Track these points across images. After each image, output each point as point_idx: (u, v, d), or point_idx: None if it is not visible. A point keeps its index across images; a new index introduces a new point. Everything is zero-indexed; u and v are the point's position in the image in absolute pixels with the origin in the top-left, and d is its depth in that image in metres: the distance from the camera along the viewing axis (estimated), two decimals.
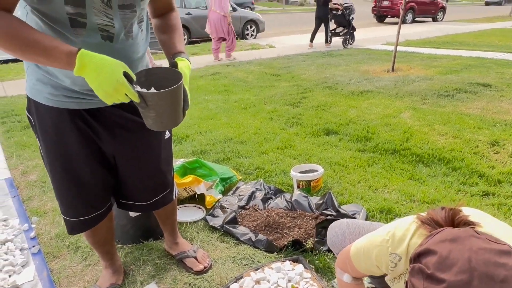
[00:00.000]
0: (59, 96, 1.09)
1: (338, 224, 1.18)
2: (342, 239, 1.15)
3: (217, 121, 3.64)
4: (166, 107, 0.95)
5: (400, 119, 3.48)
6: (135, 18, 1.07)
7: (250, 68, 6.26)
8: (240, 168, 2.58)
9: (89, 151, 1.19)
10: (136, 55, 1.13)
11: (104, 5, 0.97)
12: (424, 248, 0.65)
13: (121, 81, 0.88)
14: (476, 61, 6.22)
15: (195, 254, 1.55)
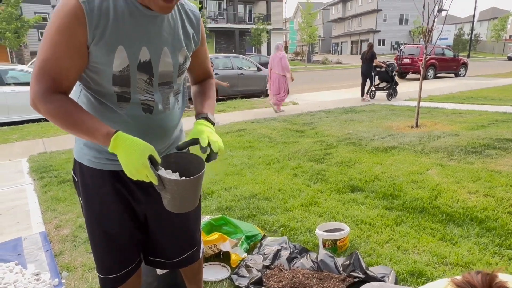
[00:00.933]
0: (101, 159, 1.20)
1: (369, 286, 1.16)
2: None
3: (242, 177, 3.71)
4: (181, 193, 1.03)
5: (427, 176, 3.43)
6: (172, 92, 1.20)
7: (274, 124, 6.45)
8: (264, 225, 2.58)
9: (124, 210, 1.26)
10: (172, 123, 1.24)
11: (147, 84, 1.11)
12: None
13: (144, 165, 0.98)
14: (503, 116, 6.14)
15: None
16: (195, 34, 1.19)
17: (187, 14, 1.17)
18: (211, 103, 1.28)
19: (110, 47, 1.00)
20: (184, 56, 1.16)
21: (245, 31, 31.19)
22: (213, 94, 1.33)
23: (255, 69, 11.28)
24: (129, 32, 1.01)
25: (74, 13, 0.95)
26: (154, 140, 1.20)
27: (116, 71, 1.03)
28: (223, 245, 2.01)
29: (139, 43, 1.03)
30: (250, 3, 33.76)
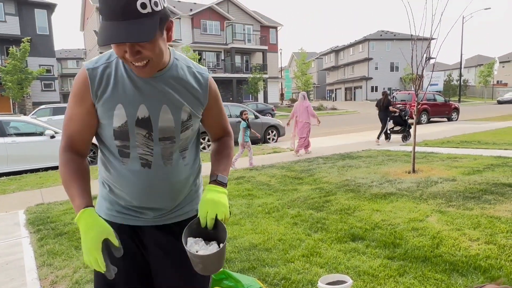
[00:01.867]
0: (112, 211, 1.27)
1: None
2: None
3: (241, 226, 3.68)
4: (206, 263, 1.10)
5: (428, 223, 3.42)
6: (175, 147, 1.24)
7: (273, 171, 6.49)
8: (265, 278, 2.53)
9: (129, 263, 1.27)
10: (177, 179, 1.26)
11: (146, 139, 1.18)
12: None
13: (95, 247, 1.04)
14: (498, 161, 6.24)
15: None
16: (202, 93, 1.25)
17: (194, 75, 1.25)
18: (224, 162, 1.31)
19: (110, 105, 1.13)
20: (187, 113, 1.21)
21: (242, 80, 32.31)
22: (228, 152, 1.36)
23: (253, 117, 11.54)
24: (127, 93, 1.14)
25: (82, 80, 1.13)
26: (159, 196, 1.24)
27: (116, 127, 1.15)
28: None
29: (137, 101, 1.14)
30: (247, 54, 35.32)
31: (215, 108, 1.31)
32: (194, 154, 1.32)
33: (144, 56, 1.04)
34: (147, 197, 1.23)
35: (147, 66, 1.07)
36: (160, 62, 1.11)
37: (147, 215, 1.27)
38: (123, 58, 1.06)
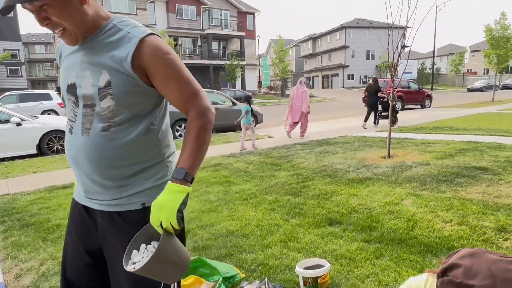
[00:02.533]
0: (77, 190, 1.29)
1: None
2: None
3: (218, 213, 3.61)
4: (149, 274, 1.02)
5: (403, 206, 3.47)
6: (95, 116, 1.10)
7: (250, 158, 6.44)
8: (243, 264, 2.48)
9: (81, 240, 1.25)
10: (92, 152, 1.11)
11: (74, 105, 1.16)
12: (449, 264, 0.77)
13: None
14: (469, 145, 6.43)
15: None
16: (125, 56, 1.07)
17: (125, 39, 1.09)
18: (188, 149, 1.10)
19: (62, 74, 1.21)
20: (106, 79, 1.07)
21: (220, 67, 31.85)
22: (193, 135, 1.11)
23: (230, 104, 11.40)
24: (64, 60, 1.20)
25: None
26: (82, 170, 1.16)
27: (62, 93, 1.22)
28: None
29: (69, 68, 1.16)
30: (224, 40, 34.78)
31: (161, 74, 1.09)
32: (132, 134, 1.12)
33: (54, 23, 1.02)
34: (75, 168, 1.19)
35: (65, 34, 1.06)
36: (80, 29, 1.07)
37: (85, 193, 1.23)
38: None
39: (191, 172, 1.08)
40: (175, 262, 1.03)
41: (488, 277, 0.69)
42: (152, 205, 1.05)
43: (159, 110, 1.20)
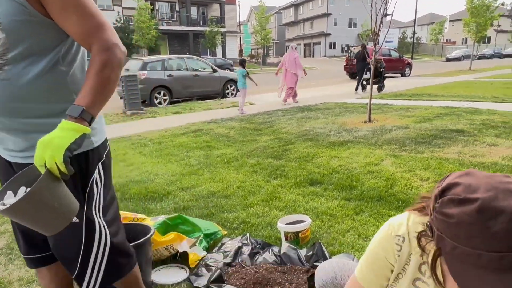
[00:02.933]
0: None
1: (328, 263, 1.12)
2: (334, 276, 1.08)
3: (199, 176, 3.57)
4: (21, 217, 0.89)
5: (382, 166, 3.52)
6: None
7: (232, 124, 6.36)
8: (224, 223, 2.47)
9: None
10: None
11: None
12: (446, 185, 0.73)
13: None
14: (446, 110, 6.55)
15: None
16: None
17: None
18: (87, 86, 0.97)
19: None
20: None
21: (199, 34, 30.81)
22: (95, 70, 0.98)
23: (210, 70, 11.12)
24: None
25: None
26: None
27: None
28: (180, 245, 1.88)
29: None
30: (203, 5, 33.47)
31: (57, 2, 0.95)
32: (31, 74, 0.99)
33: None
34: None
35: None
36: None
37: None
38: None
39: (90, 111, 0.94)
40: (55, 209, 0.90)
41: (489, 189, 0.67)
42: (38, 141, 0.90)
43: (65, 49, 1.03)
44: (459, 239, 0.66)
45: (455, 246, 0.67)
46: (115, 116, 7.97)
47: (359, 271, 1.01)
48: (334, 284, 1.08)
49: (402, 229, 0.89)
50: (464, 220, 0.65)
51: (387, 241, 0.92)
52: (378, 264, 0.95)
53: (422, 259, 0.89)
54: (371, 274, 0.97)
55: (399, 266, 0.92)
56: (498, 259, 0.62)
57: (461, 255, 0.66)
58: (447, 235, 0.68)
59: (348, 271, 1.09)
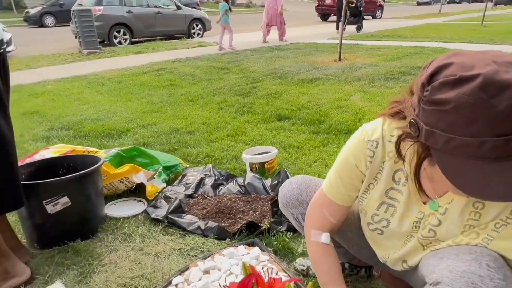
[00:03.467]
0: None
1: (293, 179, 1.03)
2: (299, 193, 0.99)
3: (162, 114, 3.36)
4: None
5: (351, 102, 3.45)
6: None
7: (197, 63, 6.01)
8: (187, 157, 2.34)
9: None
10: None
11: None
12: (434, 68, 0.60)
13: None
14: (415, 50, 6.50)
15: None
16: None
17: None
18: None
19: None
20: None
21: None
22: None
23: (174, 7, 10.30)
24: None
25: None
26: None
27: None
28: (136, 176, 1.74)
29: None
30: None
31: None
32: None
33: None
34: None
35: None
36: None
37: None
38: None
39: None
40: None
41: (488, 64, 0.55)
42: None
43: None
44: (455, 128, 0.55)
45: (449, 138, 0.56)
46: (70, 56, 7.31)
47: (326, 184, 0.92)
48: (299, 201, 0.99)
49: (376, 133, 0.81)
50: (464, 102, 0.54)
51: (359, 147, 0.82)
52: (348, 174, 0.86)
53: (396, 166, 0.81)
54: (339, 185, 0.88)
55: (371, 175, 0.83)
56: (503, 145, 0.52)
57: (457, 148, 0.56)
58: (440, 128, 0.57)
59: (315, 187, 1.00)
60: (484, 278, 0.64)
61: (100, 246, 1.40)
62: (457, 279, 0.66)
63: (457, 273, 0.67)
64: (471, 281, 0.65)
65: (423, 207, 0.78)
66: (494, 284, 0.63)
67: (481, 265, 0.66)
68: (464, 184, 0.57)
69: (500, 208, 0.68)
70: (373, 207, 0.85)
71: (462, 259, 0.68)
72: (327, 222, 0.91)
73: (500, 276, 0.64)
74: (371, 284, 1.14)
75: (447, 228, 0.74)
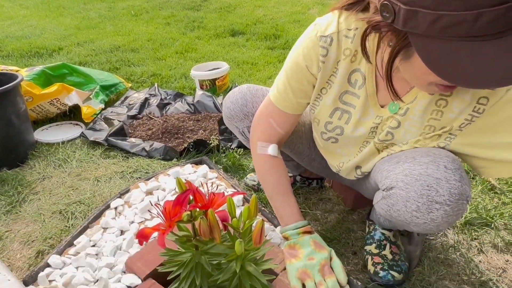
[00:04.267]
0: None
1: (237, 89, 0.91)
2: (243, 104, 0.88)
3: (100, 30, 2.98)
4: None
5: (309, 15, 3.24)
6: None
7: None
8: (131, 77, 2.13)
9: None
10: None
11: None
12: None
13: None
14: None
15: None
16: None
17: None
18: None
19: None
20: None
21: None
22: None
23: None
24: None
25: None
26: None
27: None
28: (68, 97, 1.53)
29: None
30: None
31: None
32: None
33: None
34: None
35: None
36: None
37: None
38: None
39: None
40: None
41: None
42: None
43: None
44: (445, 2, 0.43)
45: (437, 17, 0.44)
46: None
47: (273, 91, 0.81)
48: (244, 114, 0.89)
49: (331, 28, 0.69)
50: None
51: (310, 44, 0.71)
52: (297, 78, 0.75)
53: (353, 66, 0.70)
54: (288, 92, 0.77)
55: (323, 77, 0.73)
56: (503, 14, 0.42)
57: (446, 28, 0.45)
58: (425, 4, 0.45)
59: (262, 97, 0.90)
60: (441, 180, 0.60)
61: (31, 174, 1.26)
62: (412, 182, 0.62)
63: (413, 177, 0.62)
64: (427, 184, 0.61)
65: (381, 111, 0.70)
66: (450, 185, 0.60)
67: (438, 167, 0.61)
68: (452, 73, 0.47)
69: (464, 105, 0.62)
70: (326, 115, 0.76)
71: (419, 162, 0.63)
72: (275, 133, 0.83)
73: (457, 177, 0.60)
74: (322, 195, 1.13)
75: (406, 130, 0.68)
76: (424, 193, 0.61)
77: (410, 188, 0.62)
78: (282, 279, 0.74)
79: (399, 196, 0.64)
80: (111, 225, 0.91)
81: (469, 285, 0.84)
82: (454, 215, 0.62)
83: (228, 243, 0.66)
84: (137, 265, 0.76)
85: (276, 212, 0.84)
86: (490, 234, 0.98)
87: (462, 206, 0.61)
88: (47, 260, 0.80)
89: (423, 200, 0.61)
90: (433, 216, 0.61)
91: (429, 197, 0.61)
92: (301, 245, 0.76)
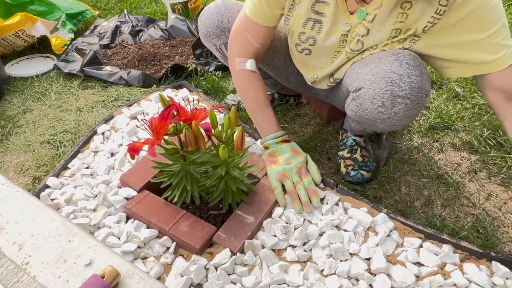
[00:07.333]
0: None
1: (211, 5, 0.91)
2: (219, 19, 0.89)
3: None
4: None
5: None
6: None
7: None
8: (97, 4, 2.01)
9: None
10: None
11: None
12: None
13: None
14: None
15: None
16: None
17: None
18: None
19: None
20: None
21: None
22: None
23: None
24: None
25: None
26: None
27: None
28: (34, 29, 1.46)
29: None
30: None
31: None
32: None
33: None
34: None
35: None
36: None
37: None
38: None
39: None
40: None
41: None
42: None
43: None
44: None
45: None
46: None
47: (248, 5, 0.82)
48: (220, 30, 0.90)
49: None
50: None
51: None
52: None
53: None
54: (262, 4, 0.78)
55: None
56: None
57: None
58: None
59: (238, 12, 0.90)
60: (403, 76, 0.66)
61: (11, 108, 1.26)
62: (378, 80, 0.68)
63: (379, 75, 0.68)
64: (391, 80, 0.67)
65: (351, 17, 0.73)
66: (411, 80, 0.66)
67: (401, 64, 0.67)
68: None
69: (427, 6, 0.65)
70: (299, 25, 0.79)
71: (384, 61, 0.68)
72: (252, 48, 0.85)
73: (417, 73, 0.66)
74: (299, 111, 1.19)
75: (375, 36, 0.72)
76: (388, 89, 0.67)
77: (376, 86, 0.68)
78: (264, 182, 0.83)
79: (367, 95, 0.70)
80: (101, 148, 0.95)
81: (428, 178, 0.96)
82: (414, 108, 0.69)
83: (213, 152, 0.73)
84: (131, 180, 0.83)
85: (257, 125, 0.90)
86: (450, 135, 1.09)
87: (421, 99, 0.68)
88: (45, 182, 0.86)
89: (387, 95, 0.67)
90: (396, 110, 0.69)
91: (393, 92, 0.67)
92: (280, 152, 0.84)
